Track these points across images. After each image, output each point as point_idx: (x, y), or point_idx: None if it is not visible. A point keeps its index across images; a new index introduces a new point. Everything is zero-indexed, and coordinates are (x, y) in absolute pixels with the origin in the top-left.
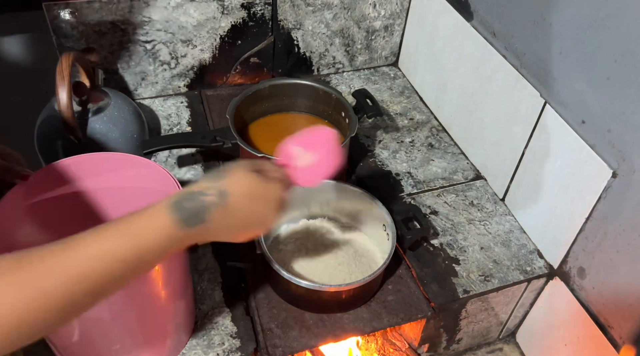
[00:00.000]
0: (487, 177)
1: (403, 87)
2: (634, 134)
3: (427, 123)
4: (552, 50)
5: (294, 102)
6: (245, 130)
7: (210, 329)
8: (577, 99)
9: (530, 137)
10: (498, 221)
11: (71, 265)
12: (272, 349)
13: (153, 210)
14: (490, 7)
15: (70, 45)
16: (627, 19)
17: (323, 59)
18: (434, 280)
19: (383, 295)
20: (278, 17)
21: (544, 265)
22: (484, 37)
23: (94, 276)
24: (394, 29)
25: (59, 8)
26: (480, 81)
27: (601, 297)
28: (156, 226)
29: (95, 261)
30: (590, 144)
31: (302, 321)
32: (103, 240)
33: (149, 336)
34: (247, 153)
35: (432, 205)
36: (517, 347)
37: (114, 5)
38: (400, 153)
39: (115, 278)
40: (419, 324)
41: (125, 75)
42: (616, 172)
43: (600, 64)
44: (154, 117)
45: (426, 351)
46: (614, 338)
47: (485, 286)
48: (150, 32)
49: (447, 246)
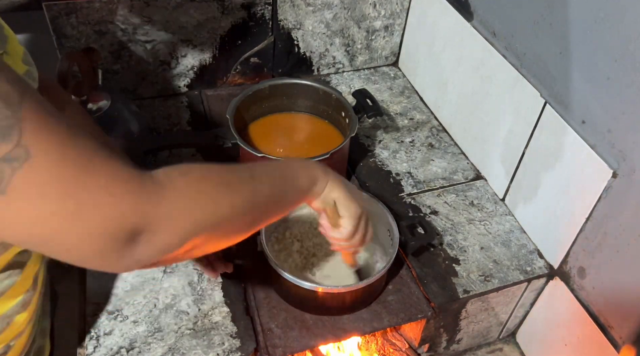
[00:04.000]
0: (487, 177)
1: (403, 87)
2: (634, 134)
3: (427, 123)
4: (552, 50)
5: (294, 102)
6: (245, 130)
7: (210, 329)
8: (577, 99)
9: (530, 137)
10: (498, 221)
11: (263, 173)
12: (272, 349)
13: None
14: (490, 7)
15: (70, 45)
16: (627, 19)
17: (323, 59)
18: (434, 280)
19: (383, 295)
20: (278, 17)
21: (544, 265)
22: (484, 37)
23: (276, 189)
24: (394, 29)
25: (59, 8)
26: (480, 81)
27: (601, 297)
28: (296, 161)
29: (279, 180)
30: (591, 144)
31: (302, 321)
32: (276, 167)
33: None
34: (247, 153)
35: (432, 205)
36: (517, 347)
37: (114, 5)
38: (400, 153)
39: (284, 197)
40: (419, 324)
41: (125, 75)
42: (616, 172)
43: (600, 64)
44: (154, 117)
45: (426, 351)
46: (614, 338)
47: (485, 286)
48: (150, 32)
49: (447, 246)
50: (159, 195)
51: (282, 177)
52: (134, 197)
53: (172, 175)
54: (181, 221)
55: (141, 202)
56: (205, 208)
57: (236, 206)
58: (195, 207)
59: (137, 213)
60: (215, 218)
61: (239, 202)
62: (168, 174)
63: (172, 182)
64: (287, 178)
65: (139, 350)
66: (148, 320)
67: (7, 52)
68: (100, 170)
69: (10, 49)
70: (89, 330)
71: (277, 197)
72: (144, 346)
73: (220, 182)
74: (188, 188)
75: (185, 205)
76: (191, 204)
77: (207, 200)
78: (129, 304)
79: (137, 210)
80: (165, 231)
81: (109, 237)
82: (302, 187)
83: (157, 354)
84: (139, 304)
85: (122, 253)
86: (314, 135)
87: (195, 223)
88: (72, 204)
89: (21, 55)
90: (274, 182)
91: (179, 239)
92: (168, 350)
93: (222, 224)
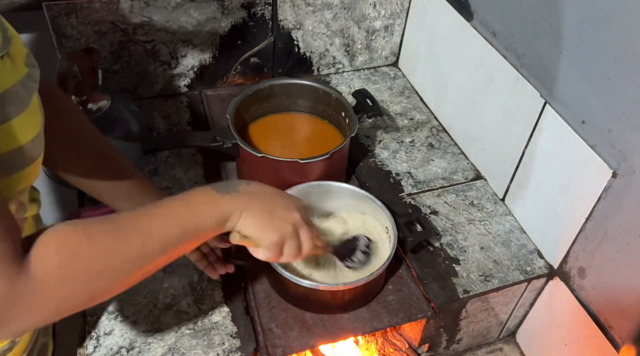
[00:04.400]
0: (487, 177)
1: (403, 87)
2: (634, 134)
3: (427, 123)
4: (552, 50)
5: (294, 102)
6: (245, 130)
7: (210, 329)
8: (577, 99)
9: (530, 137)
10: (498, 221)
11: (155, 227)
12: (272, 349)
13: (200, 189)
14: (490, 7)
15: (70, 45)
16: (627, 19)
17: (323, 59)
18: (434, 280)
19: (383, 295)
20: (278, 17)
21: (544, 265)
22: (484, 37)
23: (170, 240)
24: (394, 29)
25: (59, 8)
26: (480, 81)
27: (601, 297)
28: (206, 196)
29: (175, 228)
30: (591, 144)
31: (302, 321)
32: (173, 210)
33: None
34: (247, 153)
35: (432, 205)
36: (517, 347)
37: (114, 5)
38: (400, 153)
39: (181, 243)
40: (419, 324)
41: (125, 75)
42: (616, 172)
43: (600, 64)
44: (154, 117)
45: (426, 351)
46: (614, 338)
47: (485, 286)
48: (150, 32)
49: (447, 246)
50: (29, 291)
51: (180, 226)
52: (3, 288)
53: (47, 259)
54: (50, 309)
55: (9, 296)
56: (80, 291)
57: (115, 276)
58: (70, 295)
59: (5, 303)
60: (91, 293)
61: (118, 273)
62: (41, 260)
63: (40, 273)
64: (187, 226)
65: (139, 350)
66: (148, 320)
67: (9, 54)
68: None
69: (13, 51)
70: (89, 330)
71: (172, 247)
72: (144, 346)
73: (100, 254)
74: (59, 275)
75: (57, 295)
76: (65, 293)
77: (81, 283)
78: (129, 304)
79: (5, 302)
80: (35, 318)
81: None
82: (207, 229)
83: (157, 354)
84: (139, 304)
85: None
86: (314, 135)
87: (72, 306)
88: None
89: (24, 58)
90: (167, 236)
91: (51, 320)
92: (168, 350)
93: (105, 290)
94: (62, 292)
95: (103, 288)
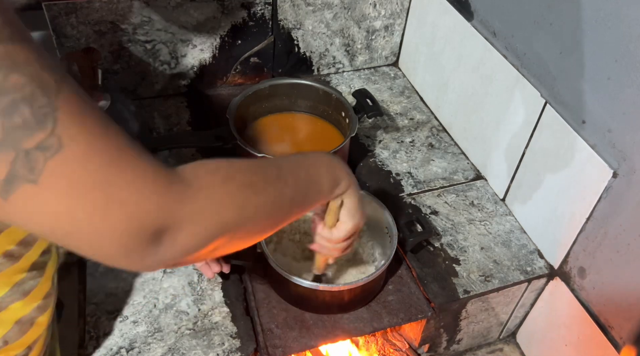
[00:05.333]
0: (487, 177)
1: (403, 87)
2: (635, 134)
3: (427, 123)
4: (552, 50)
5: (294, 102)
6: (245, 130)
7: (210, 329)
8: (577, 99)
9: (530, 137)
10: (498, 221)
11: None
12: (272, 349)
13: (316, 152)
14: (490, 7)
15: (70, 45)
16: (627, 19)
17: (323, 58)
18: (434, 280)
19: (383, 295)
20: (278, 17)
21: (545, 265)
22: (484, 37)
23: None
24: (394, 29)
25: (59, 8)
26: (481, 81)
27: (601, 297)
28: (325, 159)
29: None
30: (591, 144)
31: (302, 322)
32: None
33: None
34: (247, 153)
35: (433, 205)
36: (517, 347)
37: (114, 5)
38: (401, 153)
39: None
40: (419, 324)
41: (125, 75)
42: (617, 172)
43: (600, 64)
44: (154, 117)
45: (426, 351)
46: (614, 339)
47: (485, 286)
48: (150, 32)
49: (448, 246)
50: (185, 195)
51: (307, 179)
52: (160, 196)
53: (199, 174)
54: (206, 222)
55: (167, 201)
56: (230, 209)
57: (260, 208)
58: (220, 209)
59: (162, 212)
60: (239, 220)
61: (264, 204)
62: (195, 172)
63: (199, 182)
64: (312, 180)
65: (138, 350)
66: (148, 320)
67: None
68: (129, 166)
69: None
70: (89, 330)
71: (301, 198)
72: (144, 347)
73: (246, 183)
74: (214, 189)
75: (211, 206)
76: (217, 206)
77: (233, 202)
78: (128, 304)
79: (162, 209)
80: (190, 232)
81: (132, 235)
82: (325, 190)
83: (157, 354)
84: (139, 304)
85: (146, 253)
86: (314, 135)
87: (220, 225)
88: (98, 198)
89: None
90: (298, 184)
91: (203, 240)
92: (168, 350)
93: (246, 225)
94: (218, 206)
95: (252, 218)
